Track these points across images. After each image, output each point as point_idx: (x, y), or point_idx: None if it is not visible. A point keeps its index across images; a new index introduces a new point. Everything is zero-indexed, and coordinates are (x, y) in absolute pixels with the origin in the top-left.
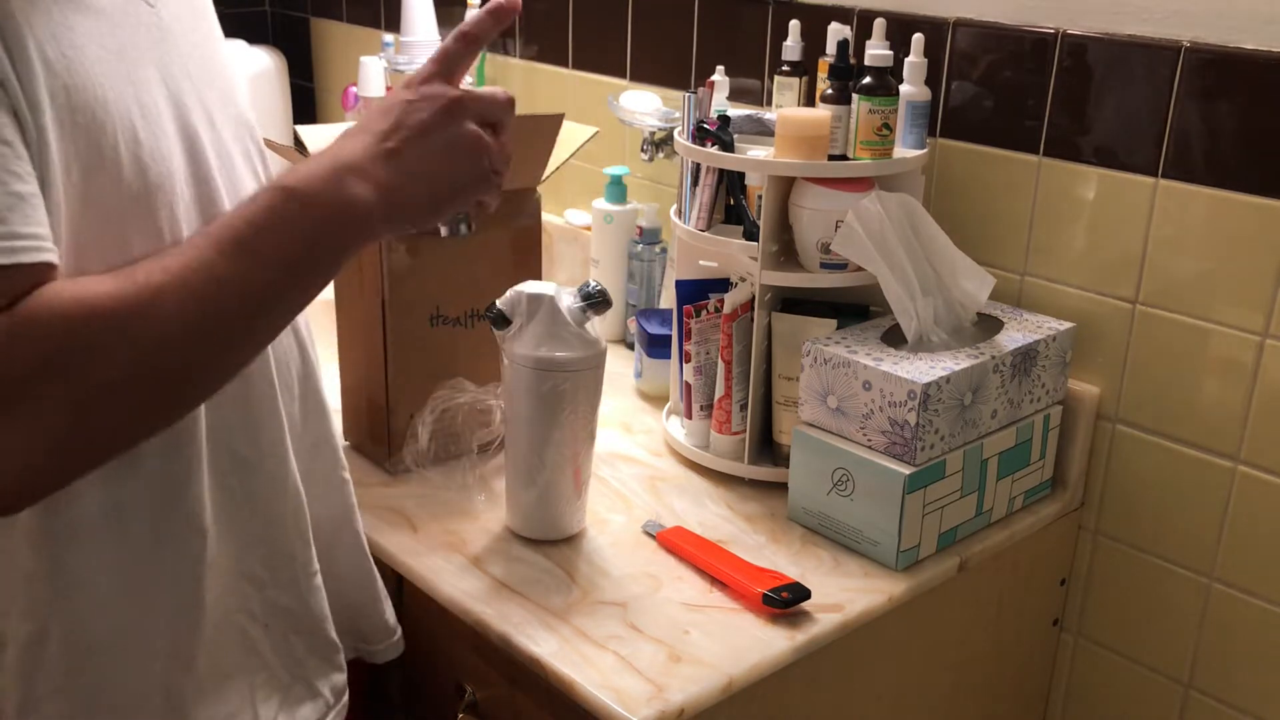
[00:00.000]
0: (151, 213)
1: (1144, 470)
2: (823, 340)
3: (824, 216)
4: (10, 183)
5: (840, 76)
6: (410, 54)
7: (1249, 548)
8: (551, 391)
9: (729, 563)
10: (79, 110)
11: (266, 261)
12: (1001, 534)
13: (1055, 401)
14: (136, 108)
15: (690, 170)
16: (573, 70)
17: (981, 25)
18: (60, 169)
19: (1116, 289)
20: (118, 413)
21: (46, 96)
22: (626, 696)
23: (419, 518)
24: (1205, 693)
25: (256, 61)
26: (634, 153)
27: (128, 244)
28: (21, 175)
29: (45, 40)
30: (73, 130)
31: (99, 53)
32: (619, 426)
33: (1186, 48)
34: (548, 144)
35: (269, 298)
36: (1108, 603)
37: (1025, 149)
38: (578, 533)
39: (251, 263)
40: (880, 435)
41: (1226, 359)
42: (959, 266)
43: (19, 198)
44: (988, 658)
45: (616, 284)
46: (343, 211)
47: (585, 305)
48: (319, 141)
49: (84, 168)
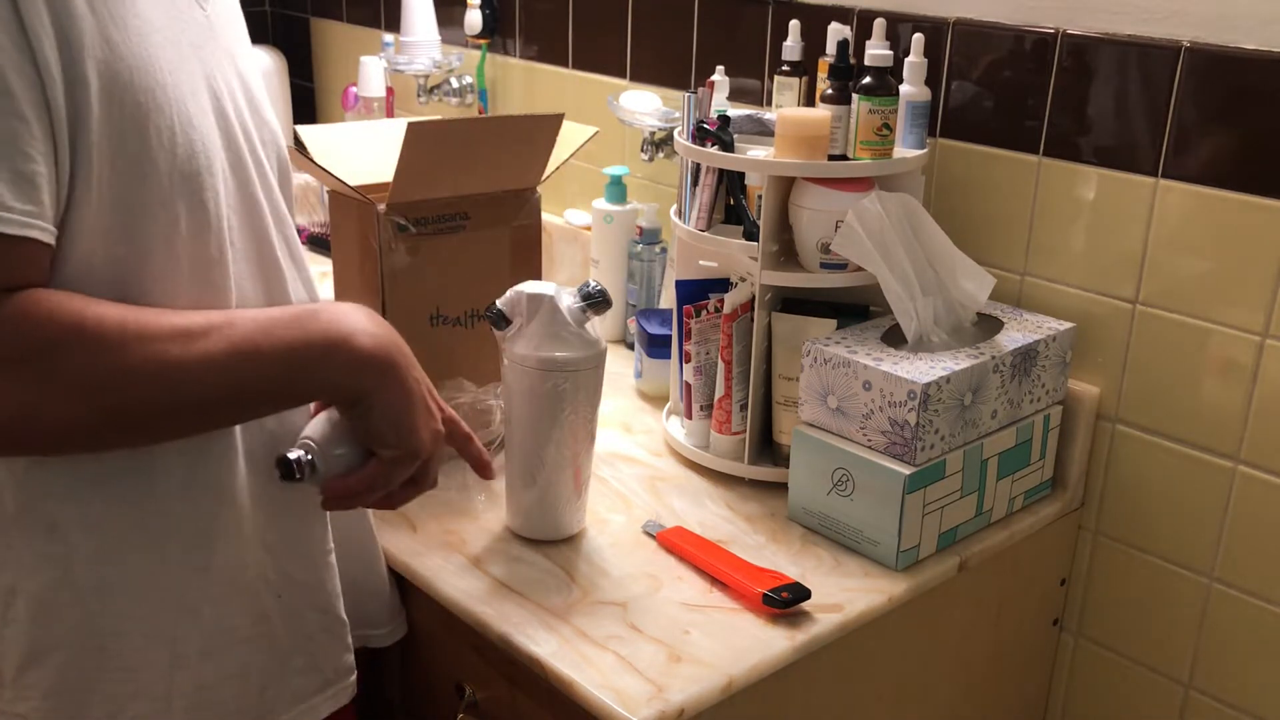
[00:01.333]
0: (198, 192)
1: (1144, 470)
2: (823, 340)
3: (824, 216)
4: (17, 161)
5: (840, 76)
6: (410, 54)
7: (1249, 548)
8: (551, 391)
9: (729, 563)
10: (139, 90)
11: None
12: (1001, 534)
13: (1055, 401)
14: (190, 93)
15: (690, 170)
16: (573, 70)
17: (981, 25)
18: (107, 140)
19: (1116, 289)
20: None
21: (94, 74)
22: (626, 696)
23: (419, 518)
24: (1205, 693)
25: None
26: (634, 153)
27: (177, 219)
28: (31, 155)
29: (108, 20)
30: (133, 107)
31: (161, 39)
32: (619, 426)
33: (1186, 48)
34: (548, 144)
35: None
36: (1108, 603)
37: (1025, 149)
38: (578, 533)
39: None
40: (880, 435)
41: (1226, 359)
42: (959, 266)
43: (21, 175)
44: (988, 658)
45: (616, 284)
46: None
47: (585, 305)
48: (319, 141)
49: (140, 140)
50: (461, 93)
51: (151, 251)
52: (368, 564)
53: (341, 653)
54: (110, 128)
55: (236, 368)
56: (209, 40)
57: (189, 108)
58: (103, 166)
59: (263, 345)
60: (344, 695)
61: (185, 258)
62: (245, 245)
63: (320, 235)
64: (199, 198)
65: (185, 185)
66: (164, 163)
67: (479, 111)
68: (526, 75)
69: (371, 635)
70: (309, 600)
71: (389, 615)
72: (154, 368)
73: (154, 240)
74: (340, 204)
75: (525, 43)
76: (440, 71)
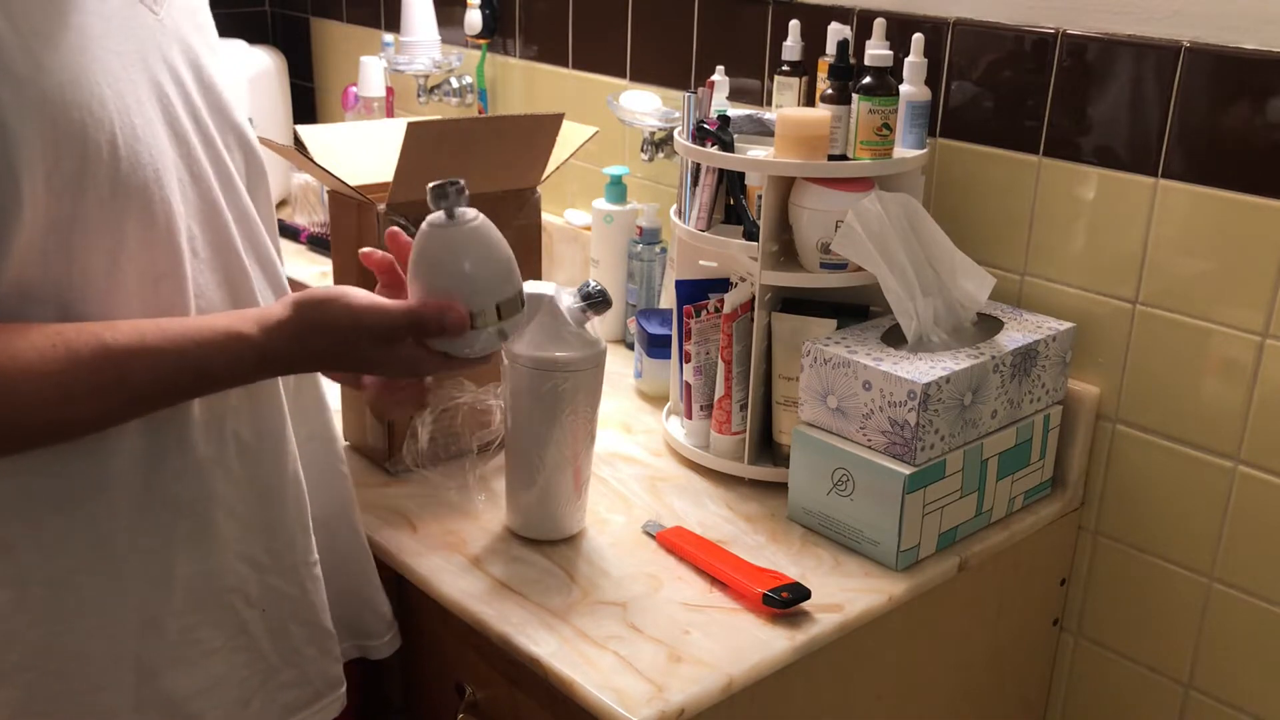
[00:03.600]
0: (147, 205)
1: (1144, 470)
2: (823, 340)
3: (824, 216)
4: None
5: (840, 76)
6: (410, 54)
7: (1249, 548)
8: (551, 391)
9: (729, 563)
10: (73, 106)
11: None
12: (1001, 534)
13: (1055, 401)
14: (134, 104)
15: (690, 170)
16: (573, 70)
17: (981, 25)
18: (40, 159)
19: (1116, 289)
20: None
21: (13, 93)
22: (626, 696)
23: (419, 518)
24: (1205, 693)
25: (256, 61)
26: (634, 153)
27: (123, 236)
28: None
29: (31, 36)
30: (67, 124)
31: (99, 50)
32: (619, 426)
33: (1186, 48)
34: (548, 144)
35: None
36: (1108, 603)
37: (1025, 149)
38: (578, 533)
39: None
40: (880, 435)
41: (1226, 359)
42: (959, 266)
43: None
44: (988, 657)
45: (616, 284)
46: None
47: (585, 305)
48: (319, 141)
49: (78, 158)
50: (461, 93)
51: (92, 270)
52: (360, 575)
53: (330, 665)
54: (43, 147)
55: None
56: (160, 44)
57: (133, 119)
58: (35, 186)
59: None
60: (335, 707)
61: (132, 274)
62: (209, 253)
63: (320, 235)
64: (147, 211)
65: (131, 200)
66: (105, 178)
67: (479, 111)
68: (526, 75)
69: (369, 646)
70: (294, 613)
71: (386, 625)
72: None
73: (95, 258)
74: (340, 204)
75: (525, 43)
76: (440, 71)
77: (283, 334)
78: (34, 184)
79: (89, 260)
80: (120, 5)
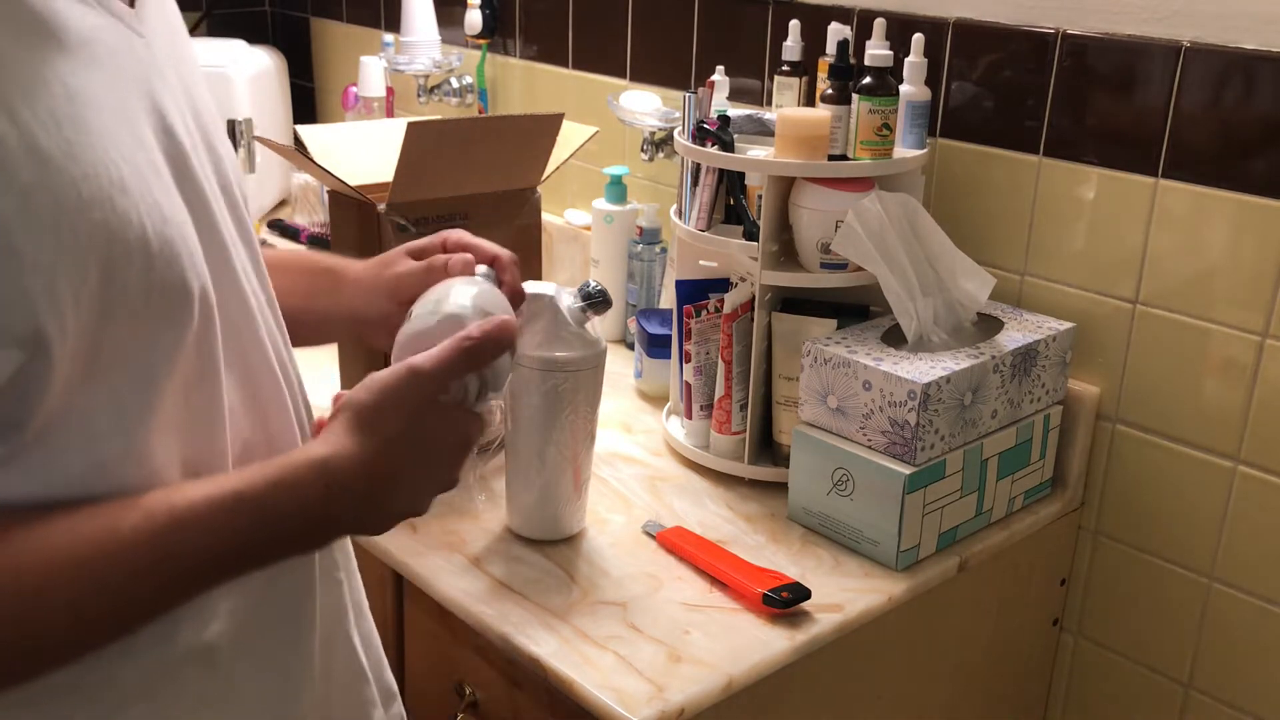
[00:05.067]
0: (185, 303)
1: (1144, 470)
2: (823, 340)
3: (824, 216)
4: None
5: (840, 76)
6: (410, 54)
7: (1249, 548)
8: (551, 391)
9: (729, 563)
10: (93, 205)
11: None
12: (1001, 534)
13: (1055, 401)
14: (151, 176)
15: (690, 170)
16: (573, 70)
17: (981, 25)
18: (64, 282)
19: (1116, 289)
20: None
21: (15, 208)
22: (626, 696)
23: (419, 518)
24: (1205, 693)
25: (256, 61)
26: (634, 153)
27: (156, 343)
28: None
29: (33, 124)
30: (90, 228)
31: (107, 117)
32: (619, 426)
33: (1186, 48)
34: (548, 144)
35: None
36: (1108, 603)
37: (1025, 149)
38: (578, 533)
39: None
40: (880, 435)
41: (1226, 359)
42: (959, 266)
43: None
44: (988, 658)
45: (616, 284)
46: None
47: (585, 305)
48: (319, 141)
49: (104, 267)
50: (461, 93)
51: (123, 397)
52: (351, 687)
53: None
54: (65, 267)
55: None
56: (154, 75)
57: (156, 197)
58: (62, 321)
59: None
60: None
61: (167, 391)
62: (230, 348)
63: (320, 235)
64: (185, 309)
65: (169, 300)
66: (136, 284)
67: (479, 111)
68: (526, 75)
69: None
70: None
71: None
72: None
73: (127, 381)
74: (340, 204)
75: (525, 43)
76: (440, 71)
77: (341, 440)
78: (60, 316)
79: (118, 386)
80: (105, 38)
